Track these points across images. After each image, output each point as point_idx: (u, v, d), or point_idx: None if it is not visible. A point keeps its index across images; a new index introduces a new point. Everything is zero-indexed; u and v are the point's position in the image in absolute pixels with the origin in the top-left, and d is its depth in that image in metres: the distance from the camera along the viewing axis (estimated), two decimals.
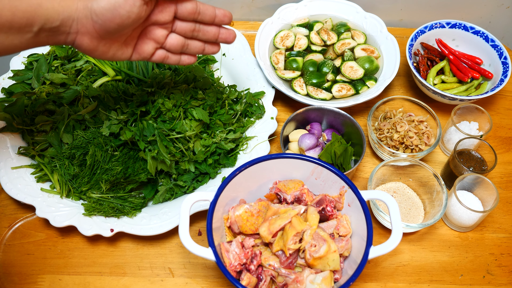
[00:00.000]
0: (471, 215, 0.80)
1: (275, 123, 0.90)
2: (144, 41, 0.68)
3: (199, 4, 0.68)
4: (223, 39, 0.73)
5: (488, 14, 1.19)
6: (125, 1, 0.59)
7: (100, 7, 0.59)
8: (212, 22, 0.70)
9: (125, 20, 0.60)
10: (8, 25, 0.57)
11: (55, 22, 0.59)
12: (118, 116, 0.82)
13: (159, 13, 0.66)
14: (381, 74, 1.00)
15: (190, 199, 0.68)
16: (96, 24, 0.60)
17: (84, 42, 0.62)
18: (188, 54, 0.73)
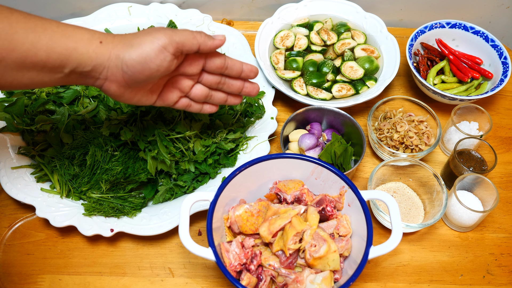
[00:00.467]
0: (471, 215, 0.80)
1: (275, 123, 0.90)
2: (170, 90, 0.70)
3: (228, 60, 0.69)
4: (246, 92, 0.74)
5: (488, 14, 1.19)
6: (156, 56, 0.60)
7: (131, 59, 0.60)
8: (238, 76, 0.72)
9: (154, 72, 0.62)
10: (42, 64, 0.57)
11: (87, 67, 0.60)
12: (118, 116, 0.82)
13: (187, 66, 0.67)
14: (381, 74, 1.00)
15: (190, 199, 0.68)
16: (125, 74, 0.61)
17: (111, 88, 0.64)
18: (210, 103, 0.75)
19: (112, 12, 1.02)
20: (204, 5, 1.13)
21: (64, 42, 0.58)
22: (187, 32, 0.63)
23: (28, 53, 0.56)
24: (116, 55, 0.60)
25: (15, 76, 0.57)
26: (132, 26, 1.02)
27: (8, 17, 0.55)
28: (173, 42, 0.62)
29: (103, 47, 0.60)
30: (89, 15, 1.01)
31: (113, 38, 0.61)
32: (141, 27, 1.01)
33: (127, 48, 0.60)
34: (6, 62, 0.55)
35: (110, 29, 1.00)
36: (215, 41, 0.66)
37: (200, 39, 0.64)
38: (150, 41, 0.61)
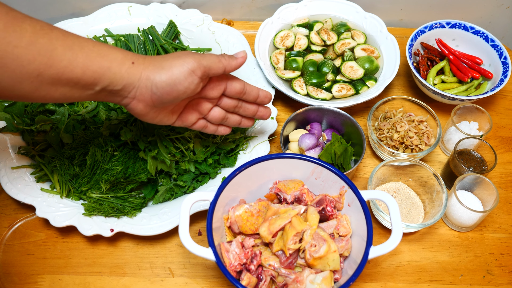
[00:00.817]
0: (471, 215, 0.80)
1: (275, 123, 0.90)
2: (190, 111, 0.73)
3: (246, 85, 0.74)
4: (259, 116, 0.79)
5: (488, 14, 1.19)
6: (185, 78, 0.64)
7: (161, 81, 0.63)
8: (253, 102, 0.77)
9: (181, 94, 0.65)
10: (76, 81, 0.59)
11: (118, 85, 0.62)
12: (118, 116, 0.82)
13: (210, 90, 0.70)
14: (381, 74, 1.00)
15: (190, 199, 0.68)
16: (154, 95, 0.64)
17: (137, 108, 0.66)
18: (225, 125, 0.78)
19: (112, 12, 1.02)
20: (204, 5, 1.13)
21: (99, 61, 0.60)
22: (213, 57, 0.67)
23: (65, 69, 0.57)
24: (146, 76, 0.63)
25: (49, 91, 0.58)
26: (132, 26, 1.02)
27: (48, 34, 0.56)
28: (201, 66, 0.65)
29: (135, 68, 0.62)
30: (89, 15, 1.01)
31: (144, 59, 0.64)
32: (141, 27, 1.01)
33: (157, 70, 0.63)
34: (43, 77, 0.56)
35: (110, 29, 1.00)
36: (238, 60, 0.70)
37: (225, 62, 0.68)
38: (180, 65, 0.64)
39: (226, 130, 0.79)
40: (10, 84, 0.55)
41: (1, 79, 0.54)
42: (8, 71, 0.54)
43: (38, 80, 0.56)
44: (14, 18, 0.54)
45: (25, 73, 0.55)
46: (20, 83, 0.56)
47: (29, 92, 0.57)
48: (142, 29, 1.01)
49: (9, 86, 0.55)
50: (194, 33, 1.02)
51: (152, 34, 0.99)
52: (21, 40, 0.54)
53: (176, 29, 1.01)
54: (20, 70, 0.54)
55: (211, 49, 1.01)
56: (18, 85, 0.56)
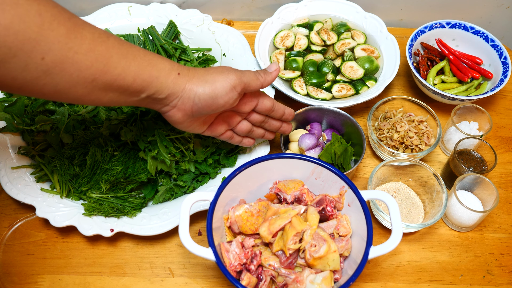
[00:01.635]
0: (471, 215, 0.80)
1: None
2: (220, 123, 0.76)
3: (275, 103, 0.77)
4: (282, 131, 0.82)
5: (488, 14, 1.19)
6: (226, 93, 0.67)
7: (204, 94, 0.66)
8: (279, 118, 0.80)
9: (220, 107, 0.68)
10: (125, 88, 0.62)
11: (162, 94, 0.65)
12: (118, 116, 0.82)
13: (243, 104, 0.74)
14: (381, 74, 1.00)
15: (190, 199, 0.68)
16: (195, 106, 0.67)
17: (176, 116, 0.69)
18: (249, 137, 0.82)
19: (112, 12, 1.02)
20: (204, 5, 1.13)
21: (149, 71, 0.63)
22: (252, 74, 0.71)
23: (118, 77, 0.60)
24: (190, 87, 0.66)
25: (99, 95, 0.61)
26: (132, 26, 1.02)
27: (105, 42, 0.58)
28: (241, 83, 0.69)
29: (180, 79, 0.65)
30: (89, 15, 1.01)
31: (188, 71, 0.67)
32: (141, 27, 1.01)
33: (201, 83, 0.66)
34: (97, 83, 0.59)
35: (110, 29, 1.00)
36: (273, 74, 0.74)
37: (262, 79, 0.72)
38: (223, 79, 0.67)
39: (250, 142, 0.82)
40: (66, 87, 0.57)
41: (59, 82, 0.56)
42: (66, 75, 0.56)
43: (91, 85, 0.59)
44: (75, 24, 0.56)
45: (81, 78, 0.57)
46: (75, 87, 0.58)
47: (81, 96, 0.59)
48: (142, 29, 1.01)
49: (65, 89, 0.57)
50: (194, 33, 1.02)
51: (152, 34, 0.99)
52: (81, 47, 0.55)
53: (176, 29, 1.01)
54: (77, 75, 0.57)
55: (211, 49, 1.01)
56: (73, 89, 0.58)
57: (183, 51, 0.99)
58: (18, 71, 0.53)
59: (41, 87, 0.56)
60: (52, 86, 0.56)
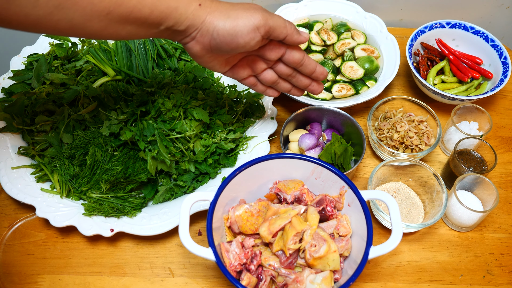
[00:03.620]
0: (471, 215, 0.80)
1: (275, 123, 0.90)
2: (243, 66, 0.73)
3: (306, 57, 0.72)
4: (311, 90, 0.77)
5: (488, 14, 1.19)
6: (248, 33, 0.63)
7: (223, 29, 0.63)
8: (308, 75, 0.75)
9: (239, 47, 0.65)
10: (143, 20, 0.60)
11: (182, 26, 0.63)
12: (118, 116, 0.82)
13: (268, 50, 0.69)
14: (381, 74, 1.00)
15: (190, 199, 0.68)
16: (213, 40, 0.64)
17: (195, 48, 0.66)
18: (274, 89, 0.78)
19: None
20: None
21: (167, 1, 0.61)
22: (281, 20, 0.66)
23: (134, 8, 0.59)
24: (210, 20, 0.63)
25: (116, 29, 0.60)
26: None
27: None
28: (266, 25, 0.64)
29: (201, 10, 0.63)
30: None
31: (211, 2, 0.64)
32: None
33: (223, 17, 0.63)
34: (112, 16, 0.58)
35: None
36: (300, 37, 0.69)
37: (290, 30, 0.67)
38: (246, 17, 0.63)
39: (274, 93, 0.78)
40: (81, 22, 0.57)
41: (73, 16, 0.56)
42: (79, 9, 0.56)
43: (107, 19, 0.58)
44: None
45: (95, 11, 0.57)
46: (90, 21, 0.57)
47: (98, 30, 0.59)
48: None
49: (80, 23, 0.57)
50: None
51: None
52: None
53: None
54: (91, 8, 0.56)
55: None
56: (88, 23, 0.57)
57: (183, 51, 0.99)
58: (29, 7, 0.53)
59: (56, 22, 0.56)
60: (66, 22, 0.56)
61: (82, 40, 0.96)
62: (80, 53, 0.94)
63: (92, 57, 0.91)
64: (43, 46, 0.97)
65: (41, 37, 0.98)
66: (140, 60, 0.93)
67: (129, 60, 0.92)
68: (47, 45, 0.97)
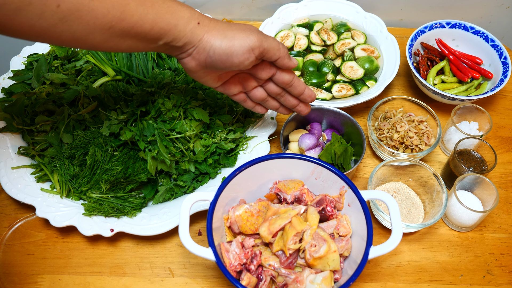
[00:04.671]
0: (471, 215, 0.80)
1: (275, 123, 0.90)
2: (234, 83, 0.75)
3: (295, 79, 0.74)
4: (298, 110, 0.79)
5: (488, 14, 1.19)
6: (242, 53, 0.66)
7: (219, 48, 0.65)
8: (297, 96, 0.77)
9: (233, 66, 0.67)
10: (143, 35, 0.62)
11: (179, 42, 0.65)
12: (118, 116, 0.82)
13: (260, 70, 0.72)
14: (381, 74, 1.00)
15: (190, 199, 0.68)
16: (209, 58, 0.66)
17: (190, 64, 0.68)
18: (262, 106, 0.80)
19: None
20: (204, 5, 1.13)
21: (167, 18, 0.63)
22: (275, 42, 0.69)
23: (135, 24, 0.60)
24: (208, 39, 0.65)
25: (117, 42, 0.62)
26: None
27: None
28: (261, 47, 0.67)
29: (199, 29, 0.65)
30: None
31: (209, 22, 0.66)
32: None
33: (220, 37, 0.65)
34: (114, 30, 0.60)
35: None
36: (290, 63, 0.71)
37: (282, 53, 0.69)
38: (242, 38, 0.65)
39: (262, 110, 0.80)
40: (83, 35, 0.58)
41: (76, 29, 0.57)
42: (83, 22, 0.57)
43: (109, 32, 0.59)
44: None
45: (98, 25, 0.58)
46: (92, 34, 0.59)
47: (99, 43, 0.61)
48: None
49: (82, 36, 0.58)
50: None
51: None
52: None
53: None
54: (94, 22, 0.57)
55: None
56: (91, 36, 0.59)
57: None
58: (35, 19, 0.54)
59: (59, 34, 0.57)
60: (69, 34, 0.57)
61: None
62: (80, 53, 0.94)
63: (92, 57, 0.91)
64: (43, 46, 0.97)
65: None
66: (140, 60, 0.93)
67: (129, 60, 0.93)
68: (47, 45, 0.97)
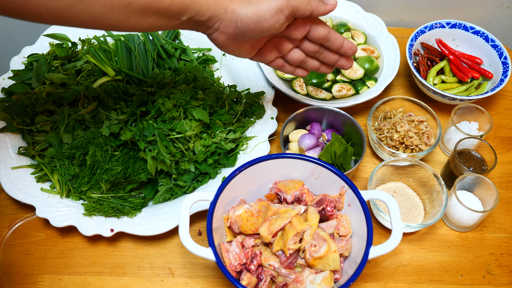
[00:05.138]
0: (471, 215, 0.80)
1: (275, 123, 0.90)
2: (269, 49, 0.72)
3: (331, 32, 0.70)
4: (340, 65, 0.75)
5: (488, 14, 1.19)
6: (271, 17, 0.63)
7: (247, 17, 0.63)
8: (336, 51, 0.73)
9: (264, 32, 0.64)
10: (163, 11, 0.61)
11: (203, 16, 0.63)
12: (118, 116, 0.82)
13: (293, 30, 0.69)
14: (381, 74, 1.00)
15: (190, 199, 0.68)
16: (237, 29, 0.64)
17: (219, 39, 0.67)
18: (302, 68, 0.77)
19: None
20: None
21: None
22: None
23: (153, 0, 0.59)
24: (232, 9, 0.63)
25: (138, 20, 0.61)
26: None
27: None
28: (289, 6, 0.63)
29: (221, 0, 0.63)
30: None
31: None
32: None
33: (244, 5, 0.63)
34: (132, 7, 0.59)
35: None
36: (327, 6, 0.67)
37: (314, 4, 0.66)
38: (268, 1, 0.63)
39: (303, 72, 0.77)
40: (101, 14, 0.58)
41: (93, 9, 0.57)
42: (100, 1, 0.56)
43: (127, 10, 0.59)
44: None
45: (116, 3, 0.57)
46: (110, 13, 0.58)
47: (119, 22, 0.60)
48: None
49: (100, 15, 0.58)
50: (194, 33, 1.02)
51: (152, 34, 0.99)
52: None
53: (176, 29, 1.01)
54: (111, 0, 0.57)
55: (211, 49, 1.01)
56: (109, 15, 0.58)
57: (183, 51, 0.99)
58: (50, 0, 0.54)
59: (76, 15, 0.56)
60: (87, 14, 0.57)
61: (82, 40, 0.96)
62: (80, 53, 0.94)
63: (92, 57, 0.91)
64: (43, 46, 0.97)
65: (41, 37, 0.98)
66: (140, 60, 0.93)
67: (129, 60, 0.93)
68: (47, 45, 0.97)
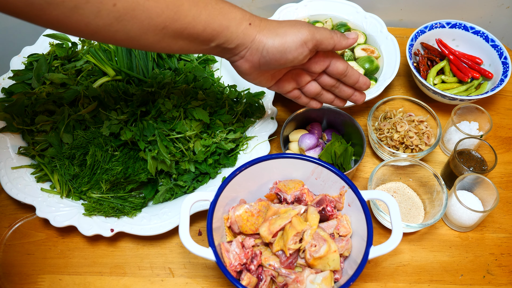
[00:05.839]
0: (471, 215, 0.80)
1: (275, 123, 0.90)
2: (288, 80, 0.74)
3: (349, 68, 0.73)
4: (353, 100, 0.78)
5: (488, 14, 1.19)
6: (296, 48, 0.65)
7: (273, 47, 0.65)
8: (351, 86, 0.76)
9: (288, 62, 0.67)
10: (195, 36, 0.63)
11: (231, 44, 0.65)
12: (118, 116, 0.82)
13: (314, 63, 0.71)
14: (381, 74, 1.00)
15: (190, 199, 0.68)
16: (262, 58, 0.66)
17: (243, 67, 0.69)
18: (317, 100, 0.79)
19: None
20: None
21: (220, 20, 0.63)
22: (326, 32, 0.68)
23: (188, 25, 0.61)
24: (260, 39, 0.65)
25: (169, 43, 0.62)
26: None
27: None
28: (313, 39, 0.66)
29: (251, 29, 0.65)
30: None
31: (260, 21, 0.66)
32: None
33: (272, 36, 0.65)
34: (167, 30, 0.60)
35: None
36: (349, 41, 0.70)
37: (337, 39, 0.68)
38: (294, 34, 0.65)
39: (317, 104, 0.79)
40: (137, 35, 0.59)
41: (131, 29, 0.58)
42: (137, 22, 0.58)
43: (162, 33, 0.60)
44: None
45: (152, 25, 0.59)
46: (146, 34, 0.59)
47: (152, 43, 0.61)
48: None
49: (136, 36, 0.59)
50: None
51: None
52: None
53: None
54: (148, 22, 0.58)
55: None
56: (144, 36, 0.60)
57: None
58: (91, 17, 0.54)
59: (113, 33, 0.57)
60: (124, 33, 0.58)
61: (82, 40, 0.96)
62: (80, 53, 0.94)
63: (92, 57, 0.91)
64: (43, 46, 0.97)
65: (41, 37, 0.98)
66: (140, 60, 0.93)
67: (129, 60, 0.93)
68: (47, 45, 0.97)
